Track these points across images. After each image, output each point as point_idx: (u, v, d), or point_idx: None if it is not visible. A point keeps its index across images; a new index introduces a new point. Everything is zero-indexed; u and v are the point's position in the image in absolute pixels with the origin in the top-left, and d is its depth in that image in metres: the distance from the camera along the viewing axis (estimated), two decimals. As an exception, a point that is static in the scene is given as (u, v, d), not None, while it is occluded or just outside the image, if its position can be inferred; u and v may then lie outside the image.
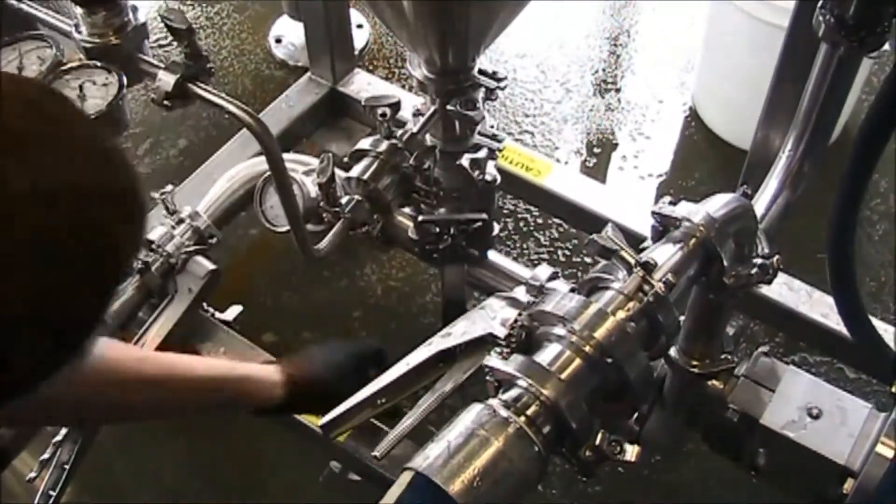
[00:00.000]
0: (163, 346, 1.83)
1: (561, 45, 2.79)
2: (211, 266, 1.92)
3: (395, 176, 1.50)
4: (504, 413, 1.07)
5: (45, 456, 1.64)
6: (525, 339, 1.17)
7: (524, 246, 2.33)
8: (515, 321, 1.19)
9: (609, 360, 1.10)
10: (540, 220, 2.37)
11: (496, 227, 1.74)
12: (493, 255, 1.81)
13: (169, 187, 1.92)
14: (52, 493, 1.61)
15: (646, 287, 1.17)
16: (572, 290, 1.18)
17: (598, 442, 1.08)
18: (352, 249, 2.28)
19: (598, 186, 2.27)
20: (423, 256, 1.75)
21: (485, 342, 1.28)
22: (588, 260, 2.30)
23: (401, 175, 1.49)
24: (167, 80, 1.31)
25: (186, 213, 1.91)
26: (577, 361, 1.11)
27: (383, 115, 1.51)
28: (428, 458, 1.03)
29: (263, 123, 1.29)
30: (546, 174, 2.14)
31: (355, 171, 1.50)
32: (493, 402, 1.09)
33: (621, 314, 1.15)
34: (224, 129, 2.46)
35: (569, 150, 2.53)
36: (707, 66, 2.55)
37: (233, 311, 2.04)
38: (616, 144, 2.56)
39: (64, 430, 1.65)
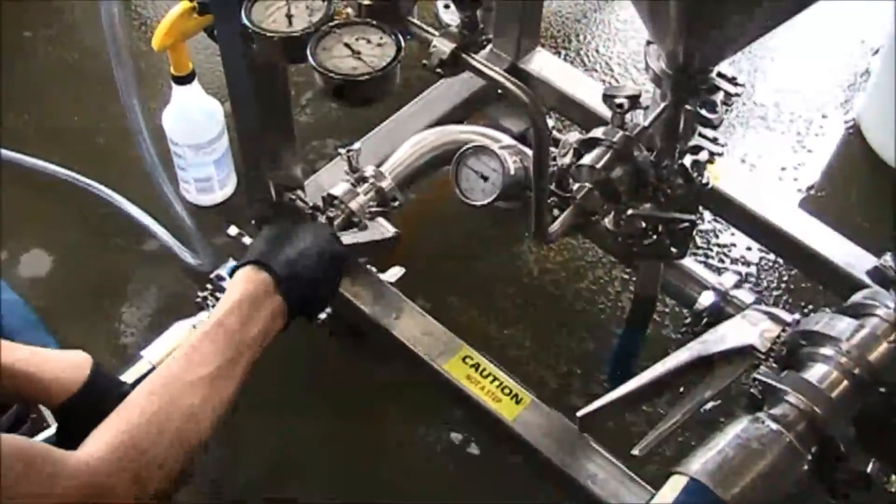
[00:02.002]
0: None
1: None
2: (393, 230, 1.93)
3: (627, 167, 1.49)
4: (774, 426, 1.07)
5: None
6: (786, 356, 1.17)
7: (682, 245, 2.32)
8: (778, 336, 1.18)
9: (882, 389, 1.10)
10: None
11: (694, 229, 1.74)
12: (681, 256, 1.80)
13: (357, 145, 1.92)
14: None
15: (913, 319, 1.16)
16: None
17: (868, 469, 1.08)
18: (512, 226, 2.28)
19: (763, 192, 2.25)
20: (617, 249, 1.74)
21: (742, 353, 1.28)
22: (743, 269, 2.28)
23: (634, 167, 1.48)
24: (443, 47, 1.31)
25: (370, 173, 1.90)
26: (846, 383, 1.11)
27: (620, 105, 1.51)
28: (704, 464, 1.03)
29: (538, 103, 1.29)
30: (718, 177, 2.13)
31: (588, 160, 1.49)
32: (762, 415, 1.09)
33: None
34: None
35: (736, 155, 2.51)
36: (880, 88, 2.51)
37: (395, 273, 2.03)
38: (776, 155, 2.53)
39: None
